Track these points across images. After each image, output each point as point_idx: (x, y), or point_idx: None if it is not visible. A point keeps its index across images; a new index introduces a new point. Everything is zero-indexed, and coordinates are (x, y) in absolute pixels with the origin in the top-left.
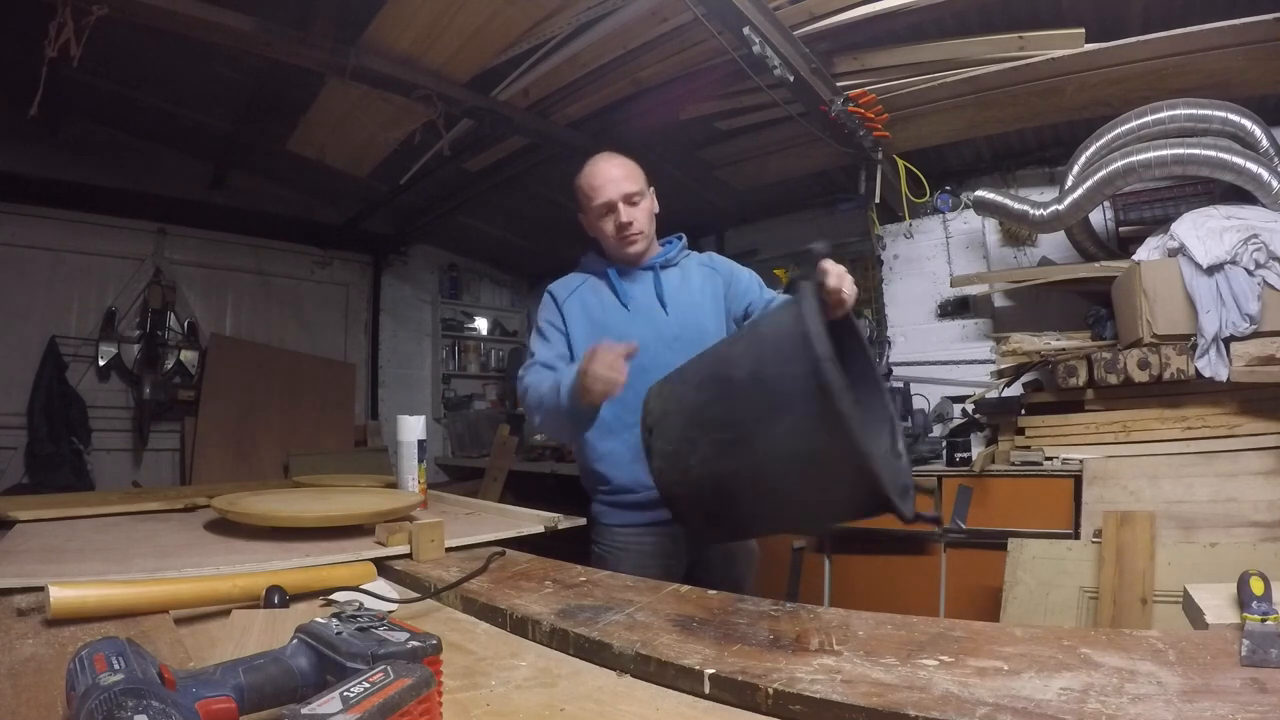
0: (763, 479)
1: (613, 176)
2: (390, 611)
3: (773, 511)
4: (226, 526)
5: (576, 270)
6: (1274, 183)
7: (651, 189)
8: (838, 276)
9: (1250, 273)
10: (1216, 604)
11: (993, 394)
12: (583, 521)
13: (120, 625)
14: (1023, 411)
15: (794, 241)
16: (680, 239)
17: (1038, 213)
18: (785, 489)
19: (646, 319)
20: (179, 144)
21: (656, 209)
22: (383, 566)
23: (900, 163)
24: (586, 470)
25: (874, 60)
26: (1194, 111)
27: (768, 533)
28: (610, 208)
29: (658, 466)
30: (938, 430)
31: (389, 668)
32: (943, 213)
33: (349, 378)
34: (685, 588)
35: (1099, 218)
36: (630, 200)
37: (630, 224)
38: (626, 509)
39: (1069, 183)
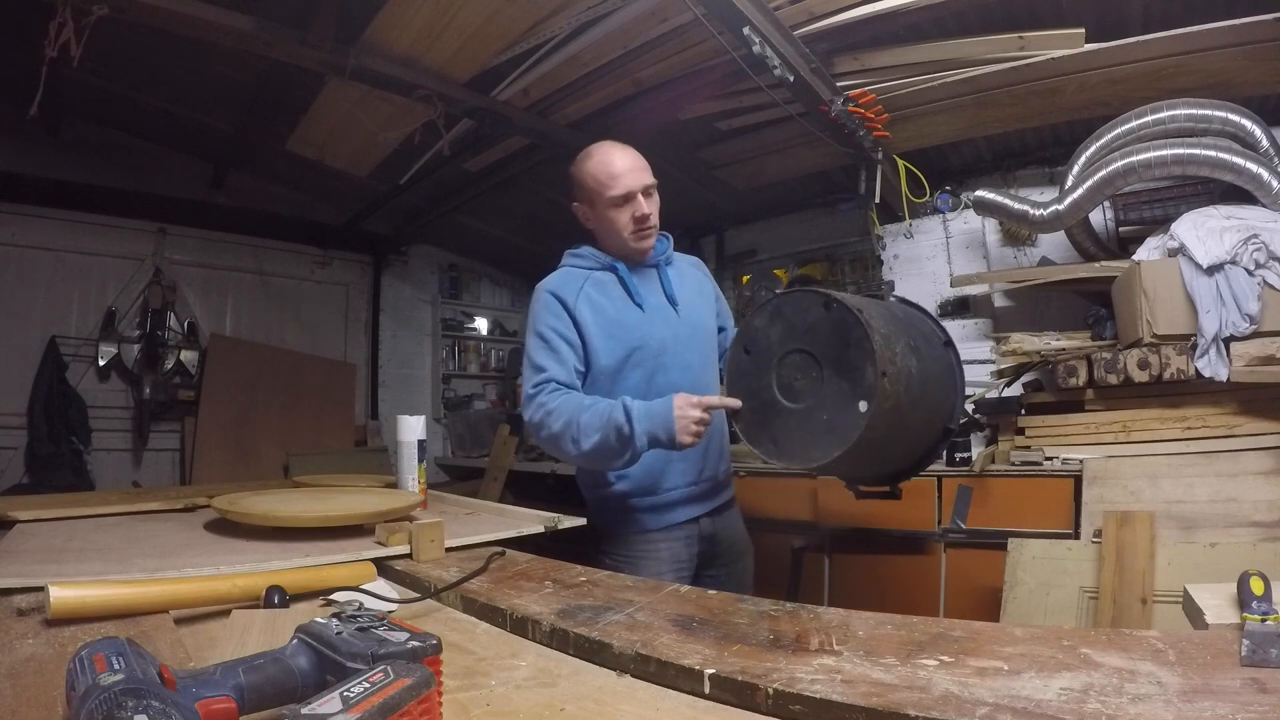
0: (924, 377)
1: (632, 166)
2: (390, 611)
3: (923, 411)
4: (226, 526)
5: (569, 266)
6: (1274, 183)
7: None
8: None
9: (1250, 273)
10: (1216, 604)
11: (993, 394)
12: (583, 521)
13: (120, 625)
14: (1023, 411)
15: (794, 241)
16: (669, 237)
17: (1038, 213)
18: (932, 389)
19: (662, 318)
20: (179, 144)
21: None
22: (383, 566)
23: (900, 163)
24: (599, 478)
25: (874, 60)
26: (1194, 111)
27: (903, 438)
28: (629, 198)
29: (881, 338)
30: None
31: (389, 668)
32: (943, 213)
33: (349, 378)
34: (685, 588)
35: (1099, 218)
36: (648, 192)
37: (649, 216)
38: (644, 513)
39: (1069, 183)
